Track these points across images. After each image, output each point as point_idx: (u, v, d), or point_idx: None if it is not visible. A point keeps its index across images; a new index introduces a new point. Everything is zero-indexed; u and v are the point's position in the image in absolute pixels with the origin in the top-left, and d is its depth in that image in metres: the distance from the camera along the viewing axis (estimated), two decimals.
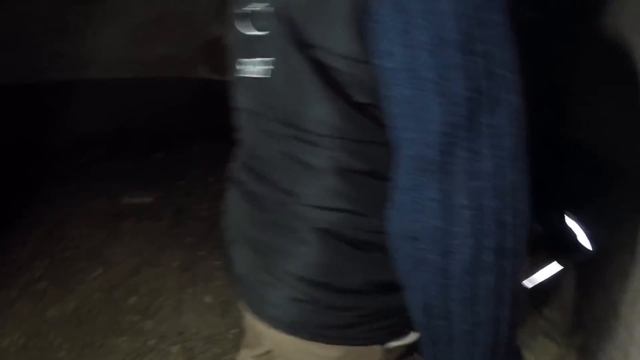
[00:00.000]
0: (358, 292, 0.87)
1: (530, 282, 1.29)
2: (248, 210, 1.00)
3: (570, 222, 1.33)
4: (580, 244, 1.30)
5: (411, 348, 0.98)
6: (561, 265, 1.32)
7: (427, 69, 0.64)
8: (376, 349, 0.92)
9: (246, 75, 0.96)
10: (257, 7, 0.89)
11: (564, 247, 1.33)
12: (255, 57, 0.92)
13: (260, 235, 0.97)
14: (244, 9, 0.95)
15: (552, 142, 4.14)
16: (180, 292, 3.19)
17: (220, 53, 1.09)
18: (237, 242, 1.05)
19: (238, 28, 0.96)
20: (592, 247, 1.30)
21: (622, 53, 2.79)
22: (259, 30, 0.90)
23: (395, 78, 0.67)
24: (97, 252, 3.50)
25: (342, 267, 0.87)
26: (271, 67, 0.87)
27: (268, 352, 1.09)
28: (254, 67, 0.92)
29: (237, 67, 1.00)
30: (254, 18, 0.91)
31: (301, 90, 0.82)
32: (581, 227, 1.31)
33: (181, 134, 4.92)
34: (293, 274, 0.89)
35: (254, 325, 1.02)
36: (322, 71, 0.79)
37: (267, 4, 0.87)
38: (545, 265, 1.31)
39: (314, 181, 0.86)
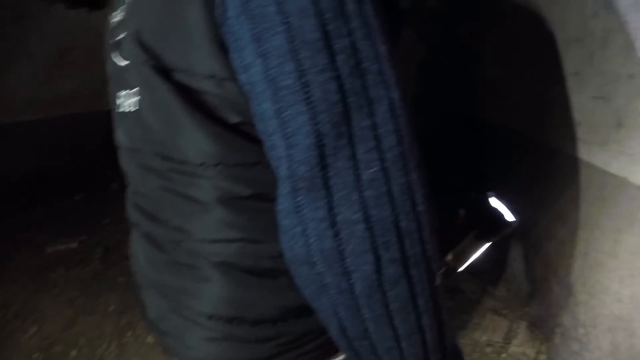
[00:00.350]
0: (274, 321, 0.80)
1: (464, 263, 1.32)
2: (148, 253, 0.92)
3: (492, 200, 1.38)
4: (504, 219, 1.34)
5: None
6: (490, 241, 1.35)
7: (286, 78, 0.57)
8: None
9: (121, 110, 0.89)
10: (121, 34, 0.84)
11: (490, 224, 1.35)
12: (126, 89, 0.85)
13: (163, 277, 0.88)
14: (115, 38, 0.88)
15: (467, 126, 4.29)
16: (121, 337, 3.06)
17: None
18: (145, 286, 0.96)
19: (112, 59, 0.90)
20: (516, 219, 1.33)
21: (525, 32, 2.92)
22: (125, 59, 0.83)
23: (257, 92, 0.61)
24: (28, 309, 3.29)
25: (251, 299, 0.79)
26: (139, 98, 0.80)
27: None
28: (126, 100, 0.85)
29: (114, 101, 0.93)
30: (121, 47, 0.85)
31: (170, 119, 0.74)
32: (503, 202, 1.36)
33: (99, 171, 4.75)
34: (204, 313, 0.81)
35: None
36: (188, 95, 0.72)
37: (125, 31, 0.81)
38: (476, 245, 1.34)
39: (201, 215, 0.78)
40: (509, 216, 1.34)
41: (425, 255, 0.61)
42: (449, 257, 1.31)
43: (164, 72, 0.73)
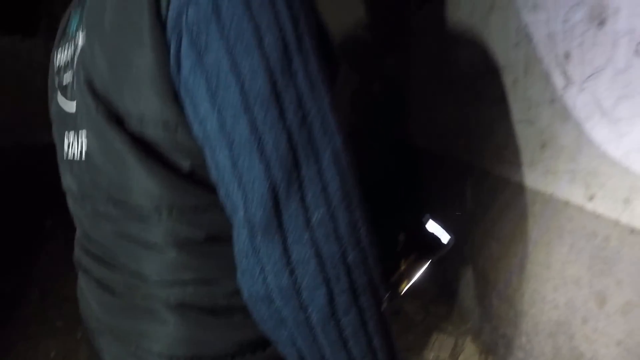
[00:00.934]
0: (232, 357, 0.82)
1: (406, 285, 1.41)
2: (102, 298, 0.91)
3: (429, 223, 1.50)
4: (441, 240, 1.46)
5: None
6: (429, 262, 1.46)
7: (241, 131, 0.63)
8: None
9: (68, 154, 0.90)
10: (69, 77, 0.86)
11: (428, 246, 1.46)
12: (74, 133, 0.86)
13: (118, 322, 0.89)
14: (61, 80, 0.91)
15: (401, 153, 4.44)
16: None
17: None
18: (98, 331, 0.96)
19: (58, 101, 0.92)
20: (452, 238, 1.46)
21: (455, 60, 3.09)
22: (70, 98, 0.86)
23: (213, 144, 0.66)
24: None
25: (208, 337, 0.82)
26: (88, 143, 0.82)
27: None
28: (74, 145, 0.87)
29: (60, 144, 0.94)
30: (68, 90, 0.87)
31: (122, 165, 0.76)
32: (439, 223, 1.48)
33: (31, 208, 4.46)
34: (162, 355, 0.82)
35: None
36: (140, 142, 0.74)
37: (74, 75, 0.83)
38: (416, 267, 1.43)
39: (156, 259, 0.80)
40: (445, 237, 1.45)
41: (372, 283, 0.68)
42: (392, 280, 1.39)
43: (116, 119, 0.75)
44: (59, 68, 0.92)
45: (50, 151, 1.08)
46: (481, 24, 2.68)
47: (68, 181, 0.94)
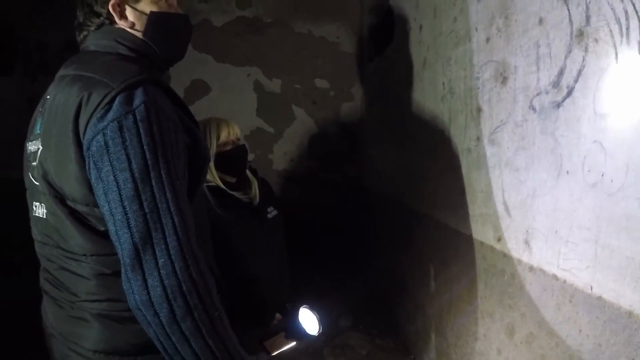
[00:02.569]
0: (135, 355, 1.24)
1: (275, 352, 1.79)
2: (54, 311, 1.32)
3: (304, 312, 1.79)
4: (306, 332, 1.77)
5: None
6: (295, 341, 1.82)
7: (119, 214, 1.06)
8: None
9: (35, 215, 1.32)
10: (35, 164, 1.25)
11: (295, 332, 1.79)
12: (37, 201, 1.29)
13: (63, 327, 1.29)
14: (31, 163, 1.29)
15: (355, 194, 4.62)
16: None
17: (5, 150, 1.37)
18: (51, 335, 1.34)
19: (29, 177, 1.30)
20: (319, 331, 1.75)
21: (394, 112, 3.30)
22: (36, 180, 1.26)
23: (106, 218, 1.08)
24: None
25: (120, 338, 1.22)
26: (45, 210, 1.26)
27: None
28: (38, 209, 1.30)
29: (31, 207, 1.35)
30: (34, 172, 1.26)
31: (63, 226, 1.19)
32: (315, 315, 1.76)
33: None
34: (91, 350, 1.23)
35: None
36: (75, 214, 1.17)
37: (37, 165, 1.24)
38: (284, 342, 1.80)
39: (84, 284, 1.21)
40: (314, 329, 1.76)
41: (203, 302, 1.08)
42: (266, 343, 1.78)
43: (61, 199, 1.19)
44: (29, 154, 1.30)
45: (20, 186, 1.41)
46: (417, 78, 2.92)
47: (35, 232, 1.35)
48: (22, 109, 4.08)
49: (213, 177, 1.90)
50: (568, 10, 1.46)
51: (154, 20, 1.34)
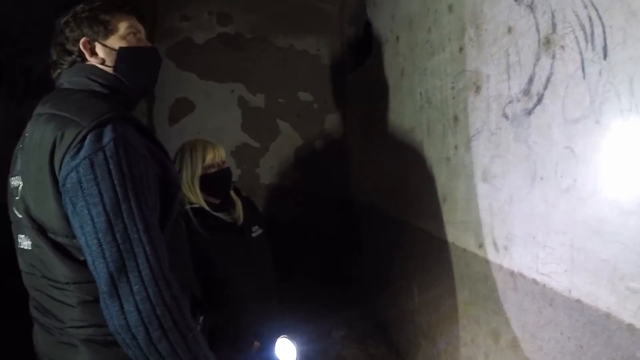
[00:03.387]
0: None
1: None
2: (43, 337, 1.37)
3: (282, 341, 1.87)
4: None
5: None
6: None
7: (94, 245, 1.12)
8: None
9: (20, 247, 1.36)
10: (18, 199, 1.31)
11: None
12: (22, 234, 1.34)
13: (53, 352, 1.34)
14: (14, 197, 1.34)
15: (342, 206, 4.63)
16: None
17: None
18: (41, 359, 1.40)
19: (13, 211, 1.36)
20: None
21: (376, 124, 3.32)
22: (19, 214, 1.31)
23: (84, 249, 1.15)
24: None
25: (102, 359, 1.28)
26: (30, 242, 1.30)
27: None
28: (23, 242, 1.34)
29: (16, 239, 1.39)
30: (16, 204, 1.33)
31: (47, 256, 1.25)
32: (294, 345, 1.84)
33: None
34: None
35: None
36: (57, 245, 1.24)
37: (20, 199, 1.30)
38: None
39: (69, 311, 1.27)
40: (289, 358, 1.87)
41: (177, 325, 1.16)
42: None
43: (43, 232, 1.25)
44: (13, 189, 1.36)
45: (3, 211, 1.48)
46: (395, 88, 2.95)
47: (22, 263, 1.39)
48: (7, 132, 4.09)
49: (197, 198, 1.92)
50: (535, 18, 1.49)
51: (123, 56, 1.42)
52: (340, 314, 3.73)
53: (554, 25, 1.41)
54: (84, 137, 1.16)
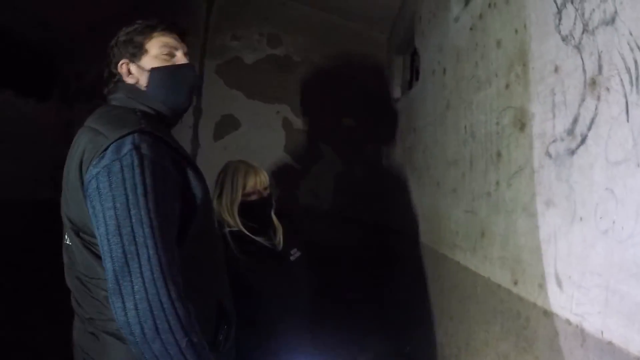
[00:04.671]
0: None
1: None
2: (78, 326, 1.54)
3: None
4: None
5: None
6: None
7: (104, 245, 1.26)
8: None
9: (65, 242, 1.54)
10: (62, 198, 1.48)
11: None
12: (65, 231, 1.51)
13: (83, 341, 1.51)
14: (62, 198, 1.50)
15: (379, 234, 4.63)
16: None
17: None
18: (76, 346, 1.56)
19: (63, 211, 1.51)
20: None
21: (417, 153, 3.31)
22: (63, 213, 1.49)
23: (99, 248, 1.30)
24: None
25: (123, 352, 1.39)
26: (69, 239, 1.48)
27: None
28: (65, 238, 1.52)
29: (64, 235, 1.55)
30: (62, 204, 1.50)
31: (80, 253, 1.42)
32: None
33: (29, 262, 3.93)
34: None
35: None
36: (87, 243, 1.41)
37: (62, 198, 1.48)
38: None
39: (95, 304, 1.43)
40: None
41: (171, 327, 1.24)
42: None
43: (76, 231, 1.43)
44: (63, 191, 1.50)
45: (47, 206, 1.74)
46: (440, 120, 2.97)
47: (65, 257, 1.56)
48: (58, 132, 4.28)
49: (235, 222, 1.94)
50: (582, 59, 1.50)
51: (155, 75, 1.57)
52: (367, 340, 3.71)
53: (600, 67, 1.41)
54: (106, 149, 1.31)
